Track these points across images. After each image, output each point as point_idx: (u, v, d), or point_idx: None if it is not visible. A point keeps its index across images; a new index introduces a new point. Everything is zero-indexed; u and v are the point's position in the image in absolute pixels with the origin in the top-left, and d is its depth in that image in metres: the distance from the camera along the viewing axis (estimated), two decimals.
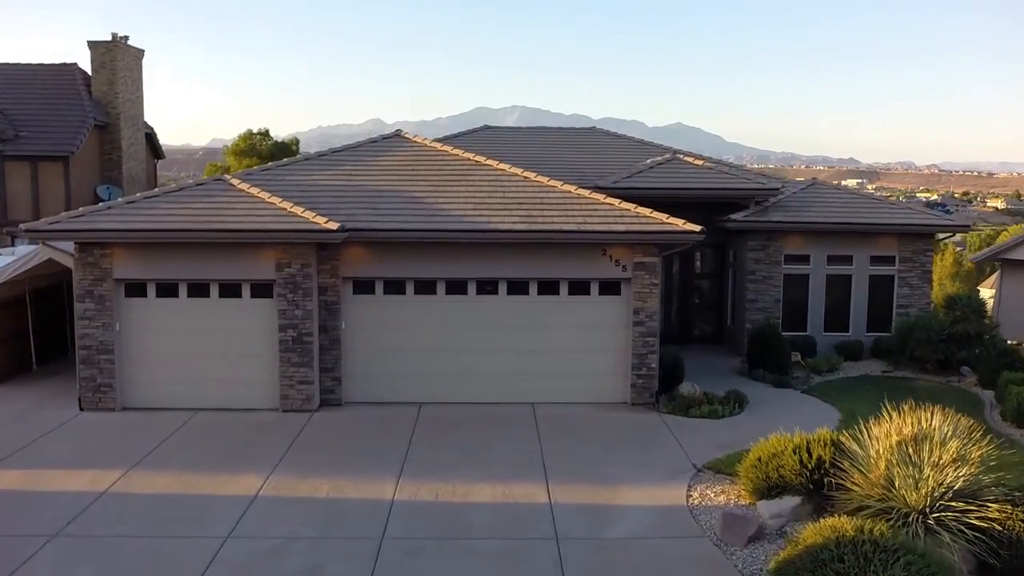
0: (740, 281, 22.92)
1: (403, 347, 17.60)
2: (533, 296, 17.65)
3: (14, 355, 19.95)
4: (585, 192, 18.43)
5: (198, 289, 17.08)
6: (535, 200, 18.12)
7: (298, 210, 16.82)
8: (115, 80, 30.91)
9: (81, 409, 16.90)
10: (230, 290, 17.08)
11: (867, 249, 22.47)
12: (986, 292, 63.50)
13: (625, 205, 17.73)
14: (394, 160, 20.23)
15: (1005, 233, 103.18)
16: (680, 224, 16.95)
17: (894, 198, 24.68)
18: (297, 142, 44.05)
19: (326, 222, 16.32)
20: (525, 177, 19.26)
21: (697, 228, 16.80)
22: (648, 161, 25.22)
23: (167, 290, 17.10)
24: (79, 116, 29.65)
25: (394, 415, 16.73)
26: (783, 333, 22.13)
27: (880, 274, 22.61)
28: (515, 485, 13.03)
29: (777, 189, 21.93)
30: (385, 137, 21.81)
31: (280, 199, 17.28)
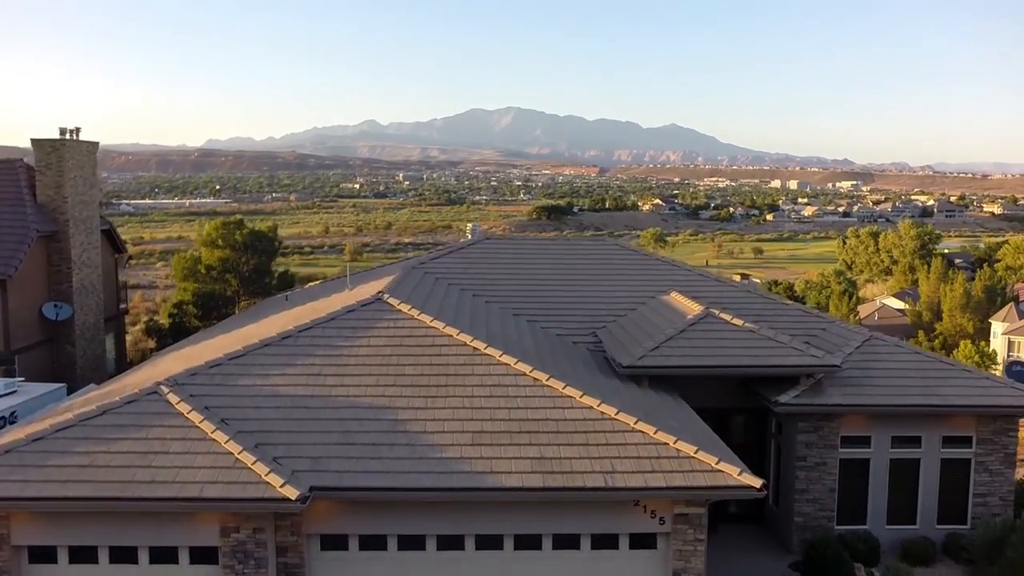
0: (788, 463, 19.32)
1: None
2: (547, 551, 14.05)
3: None
4: (611, 410, 14.81)
5: (123, 554, 13.46)
6: (549, 423, 14.56)
7: (248, 459, 13.21)
8: (63, 183, 27.19)
9: None
10: (164, 555, 13.47)
11: (938, 429, 18.89)
12: (997, 326, 59.74)
13: (663, 437, 14.13)
14: (374, 346, 16.64)
15: (1006, 245, 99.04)
16: (734, 475, 13.36)
17: (966, 367, 20.86)
18: (275, 228, 40.28)
19: (282, 486, 12.69)
20: (535, 379, 15.68)
21: (758, 483, 13.21)
22: (674, 302, 21.73)
23: (84, 555, 13.48)
24: (20, 230, 25.99)
25: None
26: (838, 526, 18.76)
27: (954, 457, 19.03)
28: None
29: (837, 366, 18.28)
30: (365, 304, 18.13)
31: (227, 437, 13.66)
